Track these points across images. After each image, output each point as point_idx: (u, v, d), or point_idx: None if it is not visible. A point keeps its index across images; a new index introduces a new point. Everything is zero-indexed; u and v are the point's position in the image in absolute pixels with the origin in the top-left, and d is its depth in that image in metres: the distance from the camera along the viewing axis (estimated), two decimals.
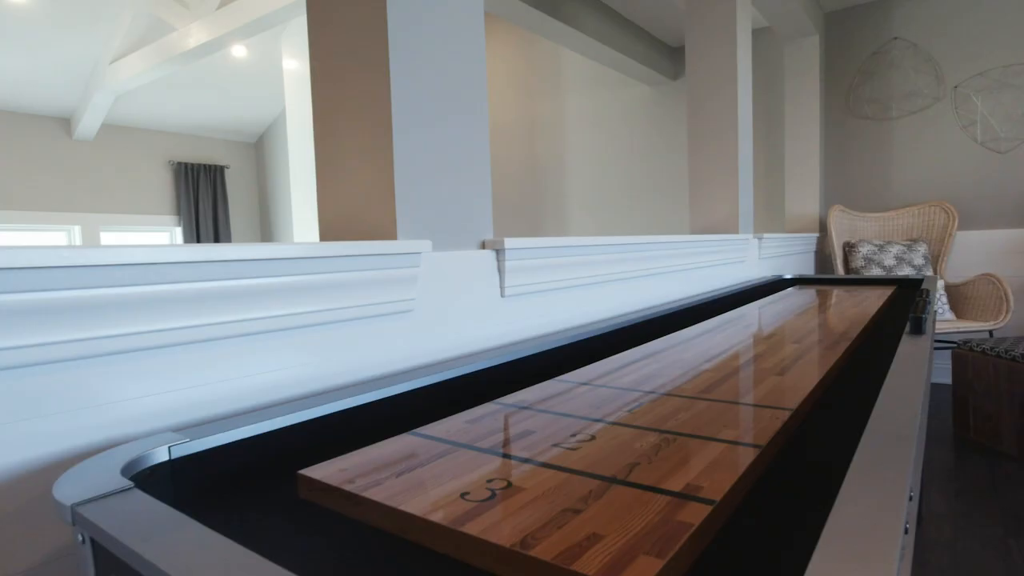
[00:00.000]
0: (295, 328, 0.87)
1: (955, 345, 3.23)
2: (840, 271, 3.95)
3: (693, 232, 2.83)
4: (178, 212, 6.85)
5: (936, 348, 3.96)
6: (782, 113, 4.47)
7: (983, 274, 3.55)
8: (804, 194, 4.22)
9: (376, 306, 0.96)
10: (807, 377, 0.96)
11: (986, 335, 4.13)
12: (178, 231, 6.87)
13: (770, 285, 2.64)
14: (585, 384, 0.95)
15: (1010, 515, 2.25)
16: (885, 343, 1.35)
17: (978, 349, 2.90)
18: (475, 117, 1.19)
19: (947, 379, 4.06)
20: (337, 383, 0.94)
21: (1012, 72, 3.68)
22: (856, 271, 3.85)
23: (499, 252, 1.19)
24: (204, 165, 7.02)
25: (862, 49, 4.15)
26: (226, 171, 7.33)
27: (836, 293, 2.27)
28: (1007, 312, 3.33)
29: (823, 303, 1.97)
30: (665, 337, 1.34)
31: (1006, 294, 3.37)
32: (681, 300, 2.04)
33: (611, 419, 0.78)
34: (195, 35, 4.57)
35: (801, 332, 1.40)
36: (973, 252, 3.88)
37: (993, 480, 2.55)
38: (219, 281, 0.77)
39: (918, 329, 1.13)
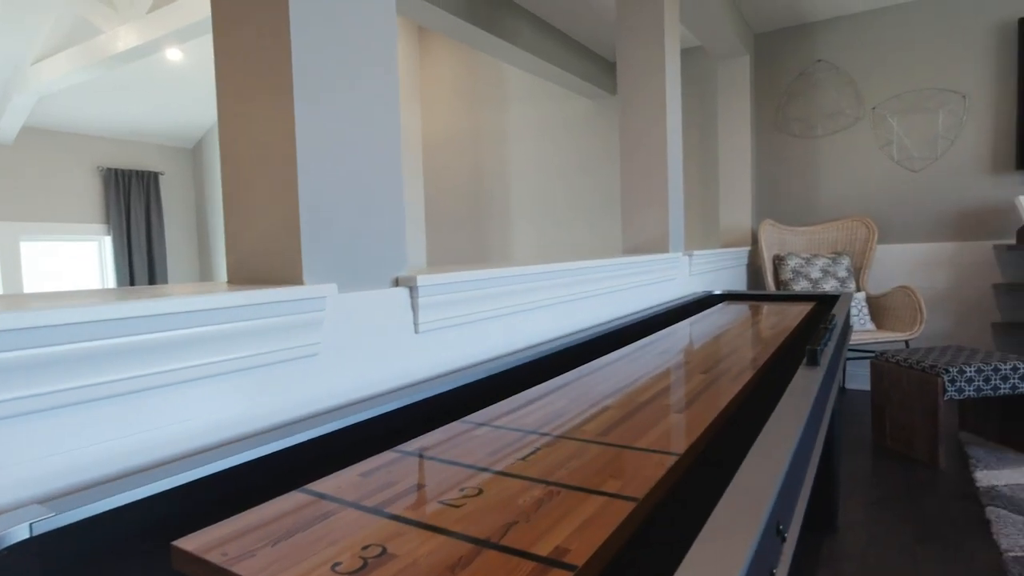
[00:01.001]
0: (188, 381, 0.85)
1: (874, 355, 3.39)
2: (770, 284, 4.10)
3: (626, 250, 2.89)
4: (108, 221, 6.57)
5: (858, 358, 4.15)
6: (716, 130, 4.62)
7: (899, 286, 3.75)
8: (737, 208, 4.36)
9: (278, 352, 0.95)
10: (705, 414, 1.00)
11: (903, 345, 4.35)
12: (108, 240, 6.60)
13: (698, 303, 2.72)
14: (486, 425, 0.96)
15: (920, 521, 2.38)
16: (791, 367, 1.41)
17: (893, 360, 3.06)
18: (387, 154, 1.19)
19: (869, 386, 4.26)
20: (236, 434, 0.92)
21: (923, 96, 3.90)
22: (785, 283, 4.00)
23: (412, 289, 1.19)
24: (136, 171, 6.76)
25: (789, 70, 4.32)
26: (161, 178, 7.08)
27: (758, 310, 2.36)
28: (921, 323, 3.52)
29: (742, 323, 2.04)
30: (578, 368, 1.37)
31: (920, 306, 3.56)
32: (608, 322, 2.08)
33: (502, 467, 0.79)
34: (124, 38, 4.41)
35: (712, 359, 1.45)
36: (892, 265, 4.09)
37: (908, 487, 2.69)
38: (106, 340, 0.75)
39: (813, 361, 1.19)
